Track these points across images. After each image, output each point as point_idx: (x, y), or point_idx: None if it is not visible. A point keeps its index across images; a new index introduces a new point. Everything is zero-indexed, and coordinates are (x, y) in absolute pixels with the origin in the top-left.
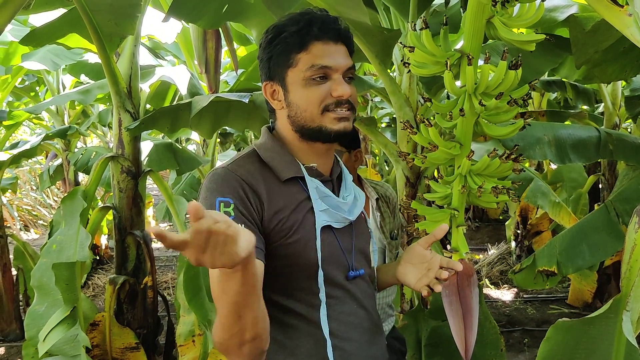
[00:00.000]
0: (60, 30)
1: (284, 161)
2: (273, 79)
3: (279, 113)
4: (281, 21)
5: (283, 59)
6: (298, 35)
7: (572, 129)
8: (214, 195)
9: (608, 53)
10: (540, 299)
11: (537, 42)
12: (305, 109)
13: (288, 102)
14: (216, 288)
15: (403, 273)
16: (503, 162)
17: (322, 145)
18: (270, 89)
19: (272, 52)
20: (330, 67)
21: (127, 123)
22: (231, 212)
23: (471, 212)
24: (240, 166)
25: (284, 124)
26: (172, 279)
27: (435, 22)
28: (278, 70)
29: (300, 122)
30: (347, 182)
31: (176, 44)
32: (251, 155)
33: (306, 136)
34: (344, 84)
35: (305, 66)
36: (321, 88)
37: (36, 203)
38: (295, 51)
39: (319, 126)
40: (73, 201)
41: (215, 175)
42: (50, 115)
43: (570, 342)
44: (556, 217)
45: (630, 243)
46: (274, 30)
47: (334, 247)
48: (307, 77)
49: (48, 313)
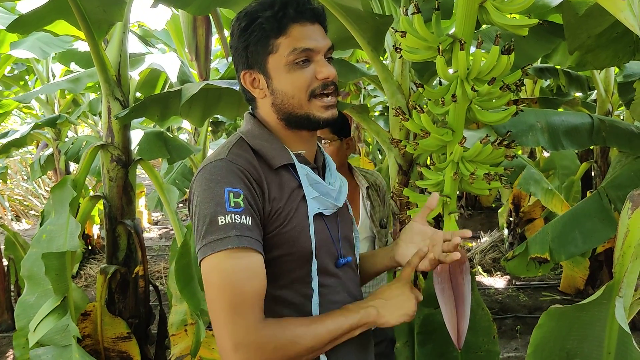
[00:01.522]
0: (47, 17)
1: (274, 149)
2: (252, 67)
3: (260, 102)
4: (252, 6)
5: (261, 45)
6: (274, 19)
7: (564, 115)
8: (221, 186)
9: (601, 38)
10: (532, 286)
11: (530, 26)
12: (292, 95)
13: (272, 89)
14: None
15: (404, 254)
16: (495, 149)
17: (308, 132)
18: (249, 78)
19: (248, 39)
20: (312, 49)
21: (116, 111)
22: (241, 203)
23: (464, 200)
24: (238, 156)
25: (267, 112)
26: (165, 269)
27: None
28: (257, 57)
29: (287, 109)
30: (331, 168)
31: (166, 31)
32: (242, 144)
33: (293, 124)
34: (327, 65)
35: (287, 51)
36: (306, 72)
37: (27, 193)
38: (274, 36)
39: (306, 113)
40: (62, 190)
41: (216, 167)
42: (41, 105)
43: (562, 328)
44: (549, 205)
45: (623, 229)
46: (247, 17)
47: (325, 234)
48: (290, 61)
49: (39, 303)
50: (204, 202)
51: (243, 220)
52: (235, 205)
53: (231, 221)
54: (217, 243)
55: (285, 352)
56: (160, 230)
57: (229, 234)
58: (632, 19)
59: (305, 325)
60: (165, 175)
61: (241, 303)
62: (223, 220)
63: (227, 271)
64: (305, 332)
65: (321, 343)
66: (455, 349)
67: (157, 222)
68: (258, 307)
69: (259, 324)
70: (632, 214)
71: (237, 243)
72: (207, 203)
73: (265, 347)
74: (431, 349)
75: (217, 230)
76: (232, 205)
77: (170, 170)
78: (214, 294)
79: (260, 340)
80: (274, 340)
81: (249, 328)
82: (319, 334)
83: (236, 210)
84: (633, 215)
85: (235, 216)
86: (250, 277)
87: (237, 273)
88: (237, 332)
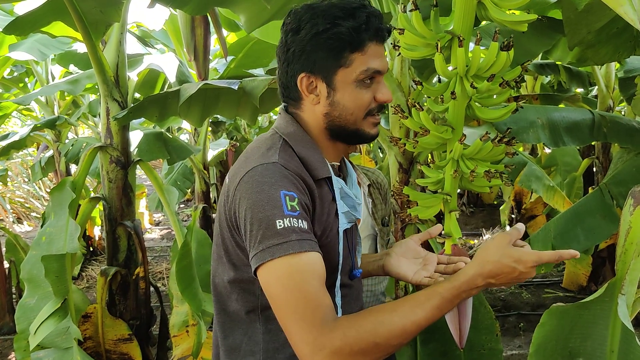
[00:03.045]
0: (44, 18)
1: (317, 160)
2: (315, 72)
3: (309, 106)
4: (330, 10)
5: (334, 55)
6: (356, 32)
7: (565, 111)
8: (276, 189)
9: (601, 34)
10: (535, 283)
11: (530, 22)
12: (352, 112)
13: (332, 101)
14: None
15: (395, 265)
16: (496, 146)
17: (346, 145)
18: (307, 81)
19: (321, 45)
20: (380, 71)
21: (115, 112)
22: (297, 206)
23: (465, 197)
24: (288, 161)
25: (314, 117)
26: (166, 269)
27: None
28: (325, 65)
29: (342, 123)
30: (353, 178)
31: (164, 31)
32: (287, 149)
33: (338, 136)
34: (387, 88)
35: (360, 68)
36: (369, 91)
37: (29, 195)
38: (350, 50)
39: (357, 129)
40: (62, 192)
41: (267, 170)
42: (40, 106)
43: (565, 326)
44: (550, 201)
45: (626, 225)
46: (326, 20)
47: (347, 249)
48: (359, 79)
49: (39, 306)
50: (258, 205)
51: (301, 224)
52: (292, 209)
53: (290, 225)
54: (277, 248)
55: (369, 352)
56: (162, 231)
57: (289, 238)
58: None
59: (384, 311)
60: (165, 176)
61: (309, 308)
62: (281, 224)
63: (290, 277)
64: (390, 329)
65: (415, 324)
66: (457, 347)
67: (159, 222)
68: (326, 307)
69: (331, 324)
70: (634, 210)
71: (299, 247)
72: (262, 206)
73: (341, 351)
74: (433, 348)
75: (276, 234)
76: (289, 208)
77: (170, 171)
78: (280, 300)
79: (334, 344)
80: (351, 343)
81: (322, 332)
82: (407, 316)
83: (293, 214)
84: (635, 212)
85: (293, 220)
86: (315, 278)
87: (304, 279)
88: (312, 339)
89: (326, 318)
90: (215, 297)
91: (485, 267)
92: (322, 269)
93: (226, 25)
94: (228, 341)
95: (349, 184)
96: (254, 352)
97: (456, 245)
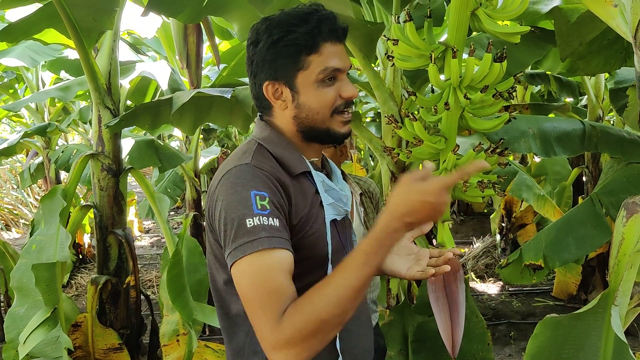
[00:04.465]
0: (36, 25)
1: (293, 157)
2: (278, 79)
3: (279, 112)
4: (283, 18)
5: (292, 60)
6: (309, 36)
7: (556, 121)
8: (247, 189)
9: (592, 45)
10: (525, 291)
11: (522, 33)
12: (317, 111)
13: (298, 103)
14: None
15: (389, 263)
16: (488, 156)
17: (321, 145)
18: (272, 89)
19: (279, 53)
20: (340, 69)
21: (106, 120)
22: (267, 205)
23: (456, 206)
24: (263, 162)
25: (285, 122)
26: (157, 277)
27: (419, 15)
28: (286, 71)
29: (310, 123)
30: (337, 175)
31: (157, 39)
32: (262, 151)
33: (310, 137)
34: (351, 84)
35: (318, 69)
36: (332, 89)
37: (17, 202)
38: (306, 53)
39: (327, 128)
40: (52, 200)
41: (241, 171)
42: (30, 113)
43: (558, 338)
44: (541, 210)
45: (618, 237)
46: (280, 29)
47: (337, 240)
48: (319, 79)
49: (28, 315)
50: (231, 206)
51: (271, 222)
52: (262, 208)
53: (260, 223)
54: (248, 246)
55: (320, 330)
56: (152, 239)
57: (258, 236)
58: (623, 26)
59: (319, 288)
60: (156, 184)
61: (270, 302)
62: (251, 222)
63: (258, 273)
64: (328, 302)
65: (350, 288)
66: (449, 357)
67: (149, 230)
68: (287, 300)
69: (280, 318)
70: (627, 222)
71: (268, 244)
72: (234, 207)
73: (293, 339)
74: (425, 357)
75: (247, 233)
76: (259, 207)
77: (161, 178)
78: (247, 296)
79: (285, 334)
80: (300, 328)
81: (276, 325)
82: (339, 283)
83: (263, 212)
84: (628, 223)
85: (263, 218)
86: (281, 274)
87: (269, 273)
88: (269, 334)
89: (278, 313)
90: (217, 303)
91: (396, 209)
92: (290, 266)
93: (219, 34)
94: (232, 345)
95: (334, 180)
96: (256, 351)
97: None
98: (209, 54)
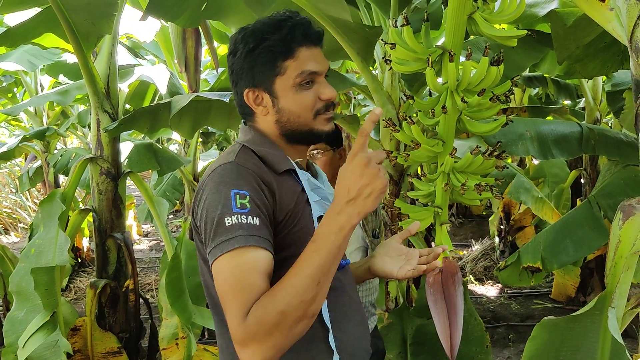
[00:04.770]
0: (35, 29)
1: (277, 156)
2: (257, 86)
3: (261, 118)
4: (257, 27)
5: (269, 67)
6: (283, 42)
7: (554, 124)
8: (228, 188)
9: (589, 48)
10: (524, 294)
11: (519, 37)
12: (299, 115)
13: (278, 108)
14: (311, 248)
15: (380, 265)
16: (486, 159)
17: (305, 146)
18: (253, 96)
19: (255, 60)
20: (317, 72)
21: (105, 124)
22: (247, 204)
23: (455, 209)
24: (246, 160)
25: (267, 127)
26: (155, 281)
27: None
28: (263, 78)
29: (293, 127)
30: (323, 177)
31: (155, 43)
32: (246, 151)
33: (294, 139)
34: (329, 86)
35: (295, 73)
36: (311, 92)
37: (16, 206)
38: (282, 59)
39: (310, 129)
40: (51, 204)
41: (225, 170)
42: (29, 117)
43: (555, 340)
44: (539, 213)
45: (615, 239)
46: (254, 38)
47: None
48: (297, 83)
49: (27, 319)
50: (211, 205)
51: (250, 220)
52: (241, 207)
53: (237, 221)
54: (225, 244)
55: (280, 323)
56: (151, 242)
57: (235, 234)
58: (619, 29)
59: (279, 282)
60: (155, 187)
61: (241, 301)
62: (230, 221)
63: (233, 271)
64: (286, 294)
65: (304, 276)
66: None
67: (147, 233)
68: (254, 302)
69: (245, 316)
70: (624, 224)
71: (244, 242)
72: (214, 206)
73: (257, 335)
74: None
75: (225, 231)
76: (238, 206)
77: (160, 182)
78: (220, 295)
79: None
80: (262, 322)
81: (243, 323)
82: (294, 273)
83: (242, 211)
84: (624, 225)
85: (242, 217)
86: (255, 273)
87: (242, 272)
88: (235, 331)
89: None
90: (212, 310)
91: (335, 193)
92: (265, 264)
93: (217, 37)
94: (230, 350)
95: (321, 182)
96: None
97: (447, 258)
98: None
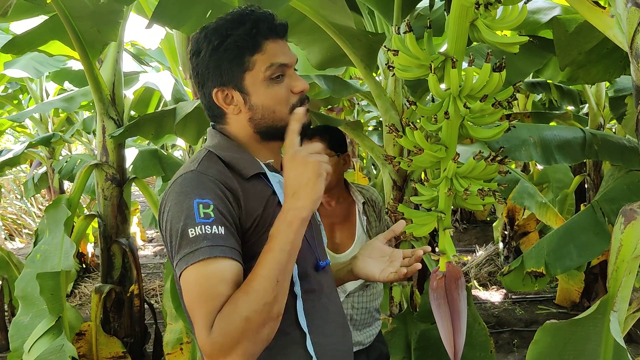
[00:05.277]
0: (41, 37)
1: (245, 159)
2: (226, 84)
3: (232, 117)
4: (219, 24)
5: (236, 63)
6: (249, 36)
7: (557, 129)
8: (190, 198)
9: (592, 54)
10: (528, 299)
11: (521, 44)
12: (273, 109)
13: (250, 105)
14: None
15: (362, 267)
16: (489, 165)
17: (279, 143)
18: (222, 95)
19: (221, 58)
20: (286, 64)
21: (110, 130)
22: (211, 213)
23: (459, 214)
24: (209, 167)
25: (240, 126)
26: (160, 286)
27: (419, 26)
28: (232, 75)
29: (268, 123)
30: None
31: (160, 50)
32: (211, 157)
33: (268, 136)
34: (300, 79)
35: (264, 66)
36: (282, 86)
37: (21, 212)
38: (249, 53)
39: (287, 124)
40: (57, 210)
41: (186, 179)
42: (34, 123)
43: (558, 343)
44: (543, 218)
45: (617, 244)
46: (218, 35)
47: (302, 239)
48: (267, 77)
49: (33, 323)
50: (175, 217)
51: (214, 230)
52: (205, 216)
53: (202, 232)
54: (190, 256)
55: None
56: (155, 248)
57: (200, 245)
58: (620, 36)
59: (241, 292)
60: (159, 193)
61: (207, 312)
62: (193, 232)
63: (198, 283)
64: (247, 299)
65: (263, 278)
66: None
67: (152, 239)
68: (217, 313)
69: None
70: (625, 228)
71: (209, 253)
72: (177, 217)
73: (225, 345)
74: None
75: (189, 243)
76: (201, 216)
77: (164, 187)
78: (189, 307)
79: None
80: (227, 332)
81: (205, 337)
82: (252, 278)
83: (206, 221)
84: (626, 230)
85: (206, 227)
86: (221, 283)
87: (208, 283)
88: (202, 344)
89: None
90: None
91: (284, 195)
92: (232, 274)
93: None
94: None
95: None
96: None
97: (450, 262)
98: None
